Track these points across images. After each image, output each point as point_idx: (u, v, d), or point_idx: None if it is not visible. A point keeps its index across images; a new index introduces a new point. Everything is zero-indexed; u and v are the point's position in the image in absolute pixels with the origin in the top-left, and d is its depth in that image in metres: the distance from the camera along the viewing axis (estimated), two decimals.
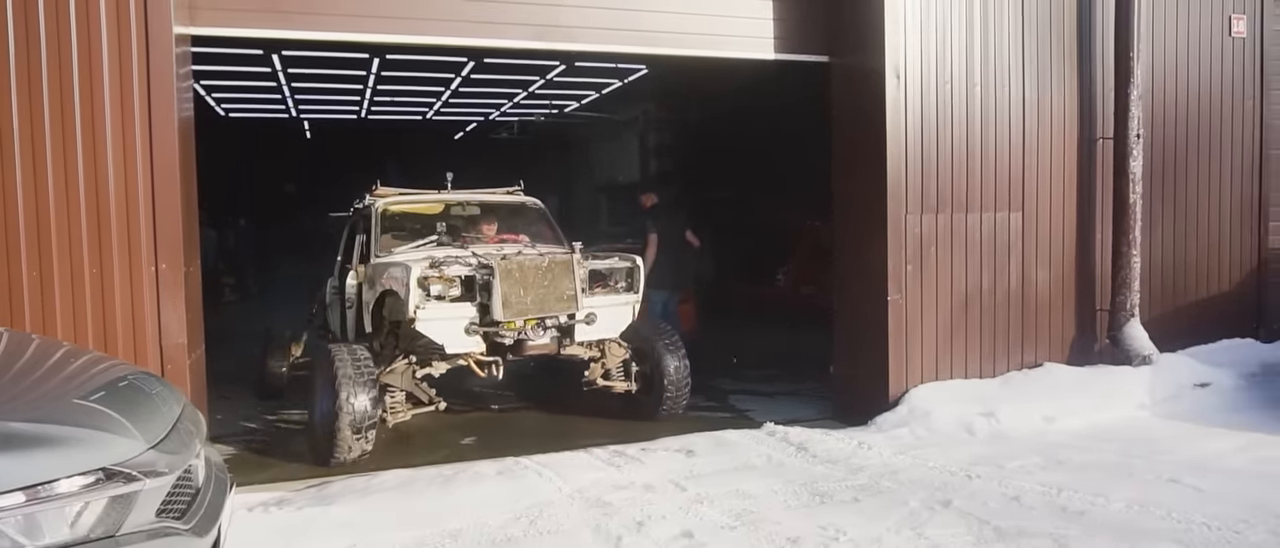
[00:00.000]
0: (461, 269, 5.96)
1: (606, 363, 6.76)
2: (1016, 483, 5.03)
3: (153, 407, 3.07)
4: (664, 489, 5.04)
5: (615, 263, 6.53)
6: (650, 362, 6.78)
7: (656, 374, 6.73)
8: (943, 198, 6.59)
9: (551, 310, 6.06)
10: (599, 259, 6.53)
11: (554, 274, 6.05)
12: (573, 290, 6.09)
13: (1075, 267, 7.11)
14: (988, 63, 6.70)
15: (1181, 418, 6.36)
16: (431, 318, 5.83)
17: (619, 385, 6.86)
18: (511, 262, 5.97)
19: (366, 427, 5.63)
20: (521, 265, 5.96)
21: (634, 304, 6.53)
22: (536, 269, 6.00)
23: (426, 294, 5.80)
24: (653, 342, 6.78)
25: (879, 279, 6.46)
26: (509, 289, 5.87)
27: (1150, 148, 7.21)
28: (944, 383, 6.64)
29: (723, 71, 13.72)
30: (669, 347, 6.74)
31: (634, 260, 6.54)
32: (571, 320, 6.19)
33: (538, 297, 5.98)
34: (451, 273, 5.90)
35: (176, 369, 4.82)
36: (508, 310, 5.87)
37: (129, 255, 4.71)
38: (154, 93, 4.73)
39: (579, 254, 6.32)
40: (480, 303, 5.92)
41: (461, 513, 4.67)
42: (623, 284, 6.51)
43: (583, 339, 6.36)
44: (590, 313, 6.24)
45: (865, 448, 5.79)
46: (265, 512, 4.76)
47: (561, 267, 6.10)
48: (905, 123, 6.43)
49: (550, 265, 6.06)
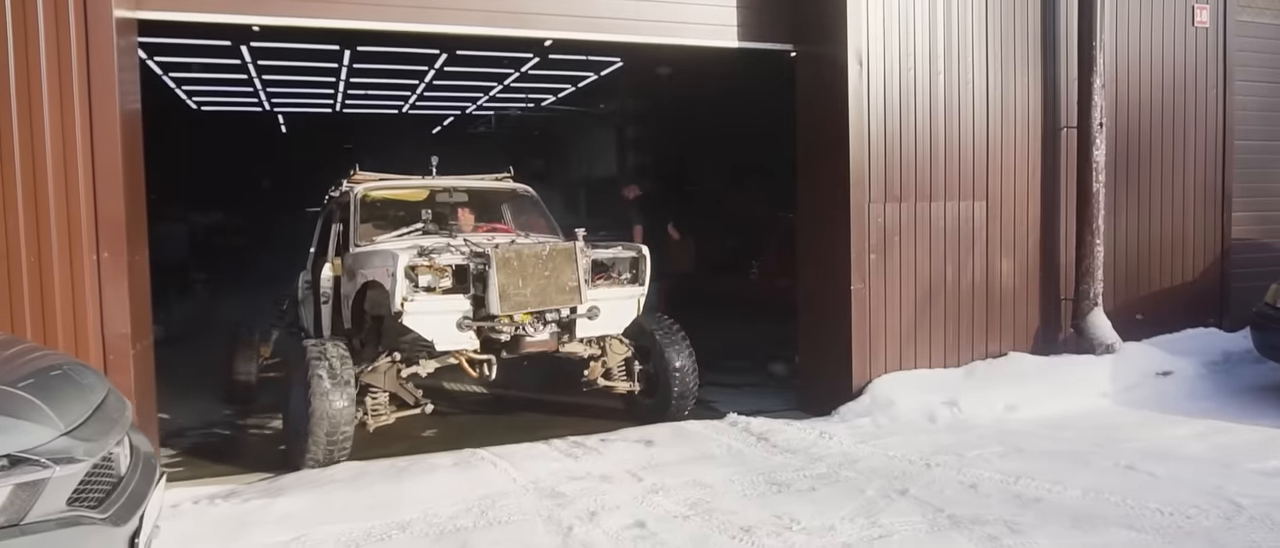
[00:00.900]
0: (454, 258, 5.52)
1: (607, 361, 6.32)
2: (975, 471, 5.01)
3: (76, 394, 2.98)
4: (620, 480, 4.98)
5: (620, 253, 6.10)
6: (654, 360, 6.37)
7: (662, 373, 6.30)
8: (906, 187, 6.56)
9: (552, 304, 5.60)
10: (602, 248, 6.11)
11: (555, 264, 5.59)
12: (575, 282, 5.64)
13: (1040, 256, 7.11)
14: (951, 51, 6.68)
15: (1143, 406, 6.38)
16: (420, 311, 5.35)
17: (621, 386, 6.43)
18: (509, 250, 5.51)
19: (343, 430, 5.22)
20: (520, 254, 5.50)
21: (639, 298, 6.07)
22: (536, 258, 5.54)
23: (415, 285, 5.33)
24: (657, 338, 6.34)
25: (842, 268, 6.42)
26: (506, 280, 5.40)
27: (1114, 137, 7.23)
28: (908, 373, 6.62)
29: (697, 64, 13.71)
30: (675, 344, 6.32)
31: (640, 250, 6.12)
32: (573, 315, 5.75)
33: (537, 288, 5.52)
34: (443, 262, 5.46)
35: (120, 360, 4.71)
36: (505, 303, 5.41)
37: (69, 243, 4.60)
38: (94, 76, 4.62)
39: (582, 243, 5.86)
40: (474, 295, 5.48)
41: (412, 504, 4.60)
42: (627, 276, 6.08)
43: (583, 336, 5.93)
44: (593, 307, 5.79)
45: (826, 438, 5.76)
46: (211, 504, 4.68)
47: (563, 256, 5.63)
48: (868, 111, 6.40)
49: (551, 254, 5.59)
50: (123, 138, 4.78)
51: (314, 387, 5.14)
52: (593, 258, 5.94)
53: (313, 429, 5.13)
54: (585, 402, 6.96)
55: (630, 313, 6.09)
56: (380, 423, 5.69)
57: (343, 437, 5.23)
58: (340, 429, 5.20)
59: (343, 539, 4.16)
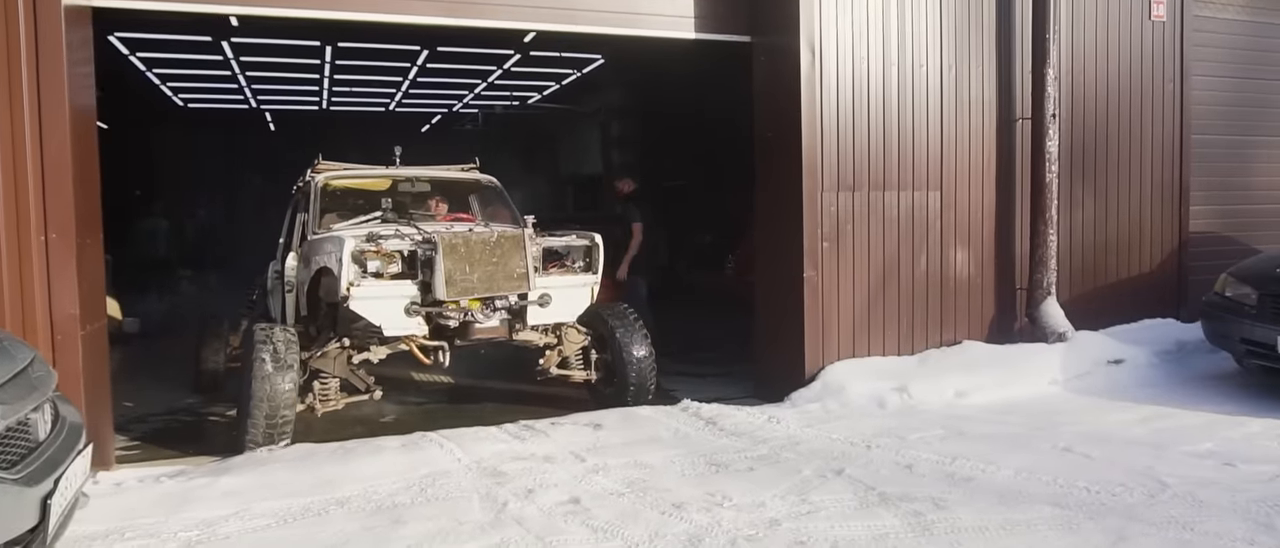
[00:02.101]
0: (401, 244, 5.56)
1: (563, 350, 6.37)
2: (913, 453, 5.09)
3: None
4: (563, 460, 5.06)
5: (572, 241, 6.12)
6: (612, 349, 6.39)
7: (619, 362, 6.33)
8: (860, 176, 6.64)
9: (500, 290, 5.62)
10: (554, 236, 6.12)
11: (503, 251, 5.62)
12: (524, 269, 5.67)
13: (995, 246, 7.19)
14: (905, 41, 6.76)
15: (1091, 393, 6.45)
16: (367, 296, 5.40)
17: (577, 374, 6.48)
18: (456, 236, 5.56)
19: (283, 414, 5.23)
20: (467, 241, 5.54)
21: (592, 286, 6.11)
22: (484, 245, 5.57)
23: (362, 271, 5.39)
24: (614, 327, 6.37)
25: (795, 256, 6.50)
26: (453, 266, 5.45)
27: (1070, 129, 7.31)
28: (861, 360, 6.69)
29: (672, 60, 13.78)
30: (632, 333, 6.33)
31: (592, 238, 6.12)
32: (523, 302, 5.78)
33: (485, 275, 5.55)
34: (390, 247, 5.50)
35: (68, 341, 4.77)
36: (452, 289, 5.45)
37: (16, 224, 4.67)
38: (42, 58, 4.67)
39: (531, 230, 5.88)
40: (422, 281, 5.52)
41: (354, 482, 4.67)
42: (580, 264, 6.11)
43: (536, 323, 5.97)
44: (544, 294, 5.83)
45: (774, 422, 5.83)
46: (156, 482, 4.75)
47: (511, 243, 5.67)
48: (821, 101, 6.48)
49: (499, 241, 5.63)
50: (73, 121, 4.83)
51: (256, 369, 5.18)
52: (544, 246, 5.98)
53: (252, 410, 5.17)
54: (551, 392, 6.99)
55: (584, 301, 6.11)
56: (329, 408, 5.73)
57: (283, 420, 5.26)
58: (280, 411, 5.22)
59: (280, 514, 4.24)
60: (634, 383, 6.33)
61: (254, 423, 5.21)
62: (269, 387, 5.18)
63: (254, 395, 5.18)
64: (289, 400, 5.27)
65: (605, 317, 6.42)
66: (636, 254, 8.63)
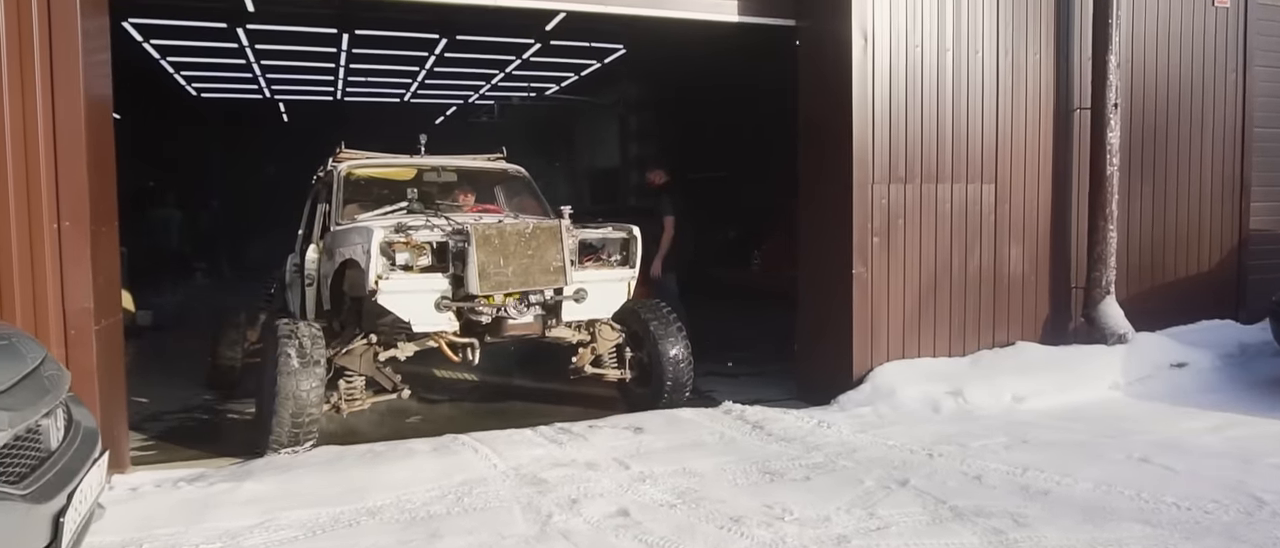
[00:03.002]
0: (432, 235, 5.26)
1: (597, 348, 6.05)
2: (979, 463, 4.76)
3: (3, 362, 2.75)
4: (606, 467, 4.75)
5: (609, 233, 5.78)
6: (647, 347, 6.08)
7: (655, 362, 6.01)
8: (912, 168, 6.30)
9: (535, 284, 5.32)
10: (590, 228, 5.78)
11: (538, 243, 5.30)
12: (560, 262, 5.35)
13: (1050, 242, 6.84)
14: (960, 27, 6.41)
15: (1156, 398, 6.11)
16: (396, 290, 5.08)
17: (611, 373, 6.17)
18: (490, 227, 5.25)
19: (309, 414, 4.93)
20: (502, 232, 5.22)
21: (629, 281, 5.78)
22: (519, 237, 5.25)
23: (391, 263, 5.07)
24: (650, 326, 6.04)
25: (844, 252, 6.17)
26: (486, 258, 5.13)
27: (1128, 120, 6.94)
28: (911, 361, 6.36)
29: (698, 49, 13.46)
30: (669, 331, 6.01)
31: (630, 230, 5.79)
32: (558, 297, 5.48)
33: (520, 268, 5.24)
34: (420, 239, 5.19)
35: (81, 336, 4.48)
36: (485, 283, 5.13)
37: (27, 211, 4.37)
38: (56, 41, 4.38)
39: (568, 221, 5.54)
40: (453, 274, 5.20)
41: (385, 489, 4.37)
42: (617, 258, 5.77)
43: (571, 320, 5.66)
44: (579, 289, 5.52)
45: (824, 427, 5.51)
46: (175, 487, 4.46)
47: (547, 234, 5.35)
48: (872, 89, 6.13)
49: (534, 233, 5.31)
50: (88, 107, 4.54)
51: (281, 366, 4.89)
52: (580, 238, 5.64)
53: (277, 410, 4.87)
54: (579, 390, 6.69)
55: (620, 296, 5.79)
56: (354, 408, 5.44)
57: (309, 420, 4.95)
58: (306, 412, 4.92)
59: (308, 524, 3.94)
60: (670, 383, 6.02)
61: (278, 425, 4.91)
62: (294, 387, 4.89)
63: (278, 396, 4.88)
64: (315, 400, 4.97)
65: (640, 313, 6.10)
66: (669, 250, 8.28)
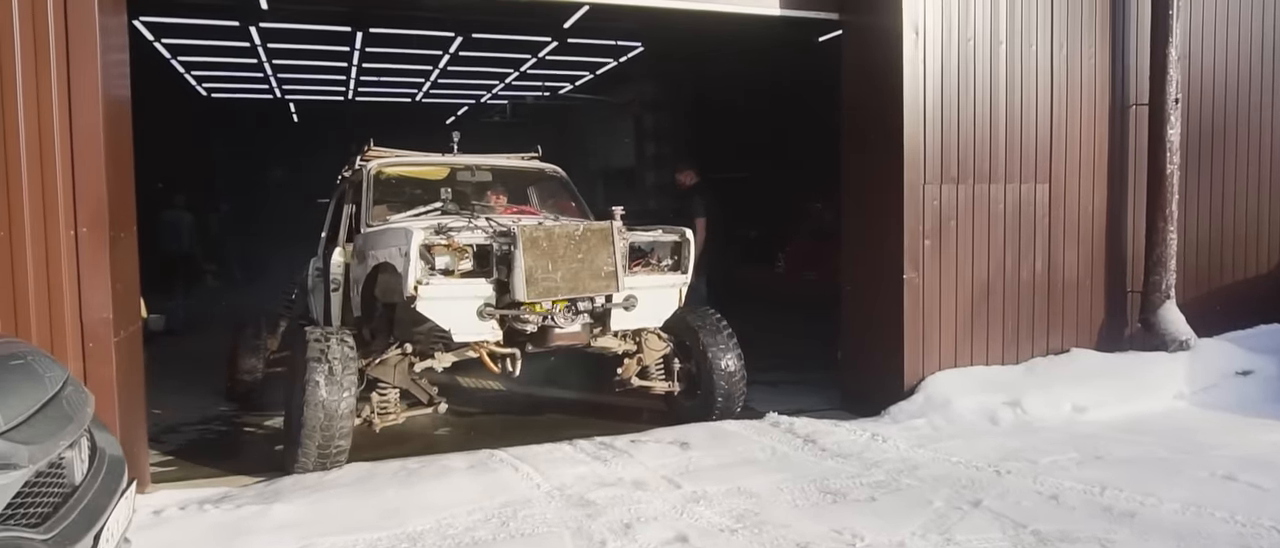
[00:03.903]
0: (475, 237, 4.93)
1: (644, 358, 5.70)
2: (1052, 481, 4.47)
3: (24, 385, 2.48)
4: (656, 486, 4.47)
5: (660, 236, 5.43)
6: (697, 359, 5.75)
7: (705, 374, 5.70)
8: (964, 168, 6.01)
9: (585, 290, 4.95)
10: (640, 231, 5.42)
11: (589, 246, 4.95)
12: (612, 266, 4.99)
13: (1105, 245, 6.54)
14: (1014, 18, 6.11)
15: (1224, 409, 5.81)
16: (436, 297, 4.73)
17: (658, 386, 5.83)
18: (538, 229, 4.91)
19: (341, 426, 4.63)
20: (550, 234, 4.88)
21: (681, 287, 5.43)
22: (568, 239, 4.91)
23: (430, 267, 4.73)
24: (701, 335, 5.71)
25: (894, 256, 5.88)
26: (534, 262, 4.78)
27: (1185, 116, 6.63)
28: (964, 370, 6.07)
29: (717, 47, 13.18)
30: (721, 342, 5.70)
31: (682, 233, 5.43)
32: (608, 305, 5.12)
33: (569, 273, 4.88)
34: (463, 241, 4.86)
35: (100, 348, 4.21)
36: (532, 289, 4.79)
37: (43, 216, 4.11)
38: (73, 39, 4.12)
39: (619, 223, 5.14)
40: (497, 280, 4.86)
41: (424, 512, 4.10)
42: (668, 263, 5.42)
43: (618, 329, 5.31)
44: (630, 296, 5.16)
45: (879, 441, 5.22)
46: (200, 510, 4.19)
47: (598, 237, 4.99)
48: (924, 85, 5.85)
49: (584, 235, 4.96)
50: (106, 106, 4.27)
51: (310, 378, 4.57)
52: (630, 241, 5.29)
53: (306, 427, 4.56)
54: (610, 401, 6.43)
55: (671, 304, 5.43)
56: (388, 423, 5.13)
57: (340, 437, 4.64)
58: (338, 428, 4.61)
59: None
60: (721, 398, 5.69)
61: (307, 443, 4.61)
62: (325, 400, 4.57)
63: (307, 411, 4.57)
64: (348, 416, 4.66)
65: (690, 322, 5.76)
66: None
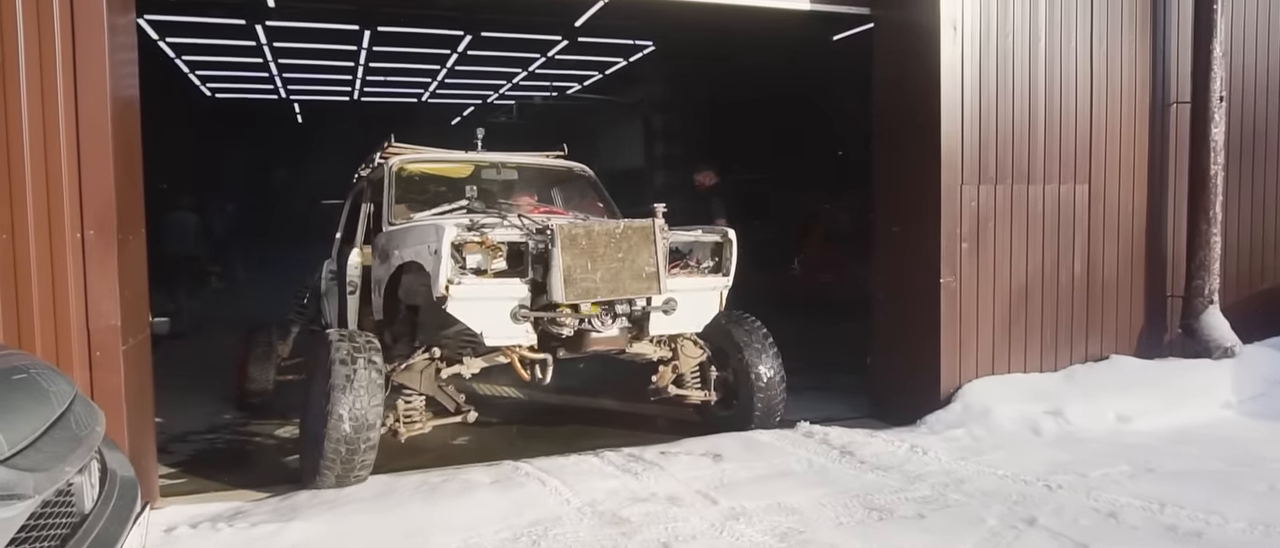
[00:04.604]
0: (510, 234, 4.68)
1: (679, 366, 5.44)
2: (1107, 496, 4.26)
3: (30, 404, 2.27)
4: (691, 502, 4.25)
5: (701, 236, 5.17)
6: (735, 366, 5.52)
7: (744, 383, 5.47)
8: (1002, 168, 5.79)
9: (626, 292, 4.68)
10: (681, 231, 5.13)
11: (630, 245, 4.67)
12: (653, 267, 4.71)
13: (1145, 248, 6.32)
14: (1053, 14, 5.90)
15: (1274, 418, 5.57)
16: (468, 298, 4.47)
17: (694, 395, 5.58)
18: (576, 226, 4.65)
19: (366, 445, 4.36)
20: (589, 232, 4.61)
21: (722, 290, 5.16)
22: (608, 238, 4.63)
23: (461, 266, 4.46)
24: (739, 341, 5.47)
25: (930, 260, 5.66)
26: (573, 262, 4.51)
27: (1226, 115, 6.40)
28: (1001, 378, 5.86)
29: (731, 46, 12.98)
30: (761, 348, 5.46)
31: (724, 233, 5.15)
32: (647, 308, 4.87)
33: (609, 273, 4.61)
34: (496, 238, 4.60)
35: (107, 357, 4.00)
36: (571, 290, 4.52)
37: (48, 218, 3.90)
38: (79, 34, 3.91)
39: (661, 221, 4.83)
40: (532, 280, 4.60)
41: (449, 531, 3.89)
42: (708, 264, 5.15)
43: (656, 333, 5.04)
44: (670, 299, 4.89)
45: (920, 452, 5.01)
46: (213, 528, 3.97)
47: (639, 236, 4.70)
48: (962, 83, 5.64)
49: (625, 233, 4.68)
50: (114, 104, 4.06)
51: (335, 387, 4.31)
52: (671, 241, 5.01)
53: (329, 438, 4.29)
54: (634, 409, 6.22)
55: (712, 308, 5.17)
56: (414, 432, 4.86)
57: (367, 449, 4.39)
58: (364, 437, 4.34)
59: None
60: (760, 408, 5.45)
61: (332, 455, 4.32)
62: (353, 410, 4.30)
63: (331, 421, 4.28)
64: (376, 427, 4.40)
65: (728, 328, 5.51)
66: None
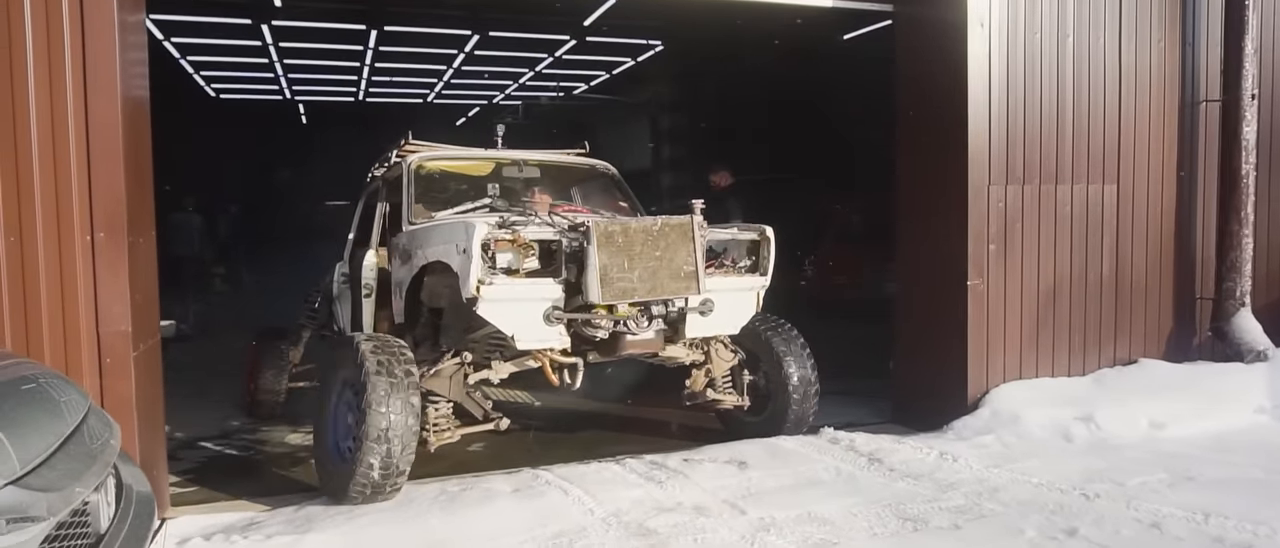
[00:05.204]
0: (542, 232, 4.49)
1: (712, 370, 5.24)
2: (1148, 506, 4.12)
3: (42, 419, 2.15)
4: (719, 512, 4.12)
5: (737, 233, 4.96)
6: (768, 370, 5.35)
7: (779, 387, 5.29)
8: (1030, 168, 5.66)
9: (664, 292, 4.48)
10: (717, 228, 4.91)
11: (668, 243, 4.46)
12: (692, 266, 4.51)
13: (1174, 249, 6.19)
14: (1081, 10, 5.77)
15: None
16: (499, 299, 4.26)
17: (728, 400, 5.35)
18: (613, 223, 4.45)
19: (405, 454, 4.14)
20: (626, 229, 4.40)
21: (760, 291, 4.96)
22: (645, 235, 4.42)
23: (491, 266, 4.26)
24: (772, 343, 5.29)
25: (957, 262, 5.53)
26: (609, 260, 4.31)
27: (1257, 113, 6.28)
28: (1029, 382, 5.73)
29: (740, 45, 12.87)
30: (794, 351, 5.28)
31: (762, 231, 4.93)
32: (685, 309, 4.68)
33: (646, 273, 4.40)
34: (530, 236, 4.42)
35: (118, 365, 3.87)
36: (608, 290, 4.31)
37: (57, 221, 3.78)
38: (90, 32, 3.78)
39: (701, 218, 4.62)
40: (566, 280, 4.41)
41: (471, 543, 3.76)
42: (745, 264, 4.96)
43: (693, 336, 4.85)
44: (707, 300, 4.71)
45: (950, 460, 4.87)
46: (227, 540, 3.84)
47: (677, 233, 4.50)
48: (990, 81, 5.51)
49: (662, 231, 4.47)
50: (124, 103, 3.94)
51: (372, 394, 4.07)
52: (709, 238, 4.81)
53: (365, 455, 4.05)
54: (643, 416, 6.11)
55: (749, 309, 4.97)
56: (444, 441, 4.63)
57: (405, 462, 4.16)
58: (400, 449, 4.11)
59: None
60: (794, 414, 5.28)
61: (368, 464, 4.08)
62: (392, 422, 4.06)
63: (372, 431, 4.04)
64: (414, 438, 4.17)
65: (761, 331, 5.34)
66: None
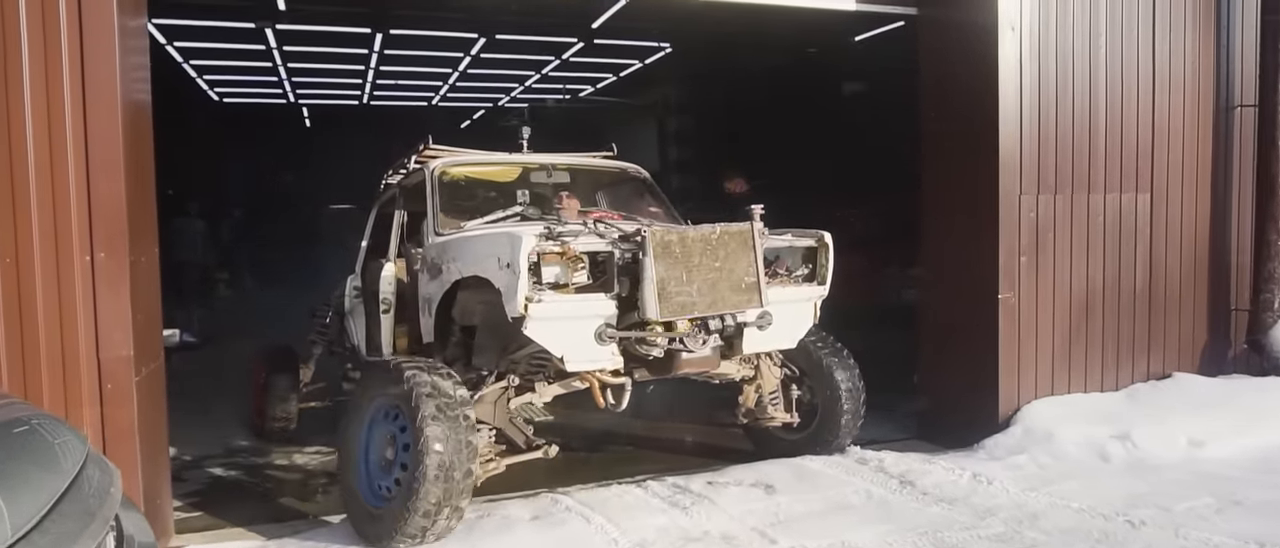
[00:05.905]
0: (592, 243, 4.12)
1: (762, 385, 4.95)
2: (1198, 534, 3.94)
3: (36, 470, 1.97)
4: (748, 542, 3.95)
5: (793, 240, 4.59)
6: (817, 385, 5.10)
7: (829, 402, 5.06)
8: (1062, 176, 5.48)
9: (725, 306, 4.15)
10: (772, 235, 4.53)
11: (727, 252, 4.13)
12: (753, 277, 4.18)
13: (1209, 259, 6.01)
14: (1114, 13, 5.59)
15: None
16: (548, 317, 3.91)
17: (779, 417, 5.07)
18: (669, 232, 4.08)
19: (462, 491, 3.80)
20: (683, 238, 4.06)
21: (817, 301, 4.65)
22: (703, 244, 4.09)
23: (537, 281, 3.91)
24: (822, 359, 5.04)
25: (987, 274, 5.35)
26: (667, 273, 3.97)
27: None
28: (1061, 398, 5.54)
29: (749, 48, 12.68)
30: (843, 362, 5.05)
31: (820, 237, 4.59)
32: (742, 323, 4.33)
33: (706, 285, 4.07)
34: (580, 247, 4.05)
35: (119, 392, 3.69)
36: (665, 306, 3.96)
37: (55, 241, 3.60)
38: (88, 37, 3.61)
39: (760, 224, 4.29)
40: (618, 295, 4.06)
41: None
42: (801, 273, 4.62)
43: (751, 351, 4.53)
44: (765, 312, 4.36)
45: (984, 482, 4.69)
46: None
47: (737, 241, 4.17)
48: (1021, 86, 5.33)
49: (722, 239, 4.14)
50: (124, 115, 3.76)
51: (427, 431, 3.72)
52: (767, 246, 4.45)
53: (422, 498, 3.69)
54: (658, 436, 5.94)
55: (807, 321, 4.65)
56: (489, 470, 4.23)
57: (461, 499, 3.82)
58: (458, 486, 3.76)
59: None
60: (843, 429, 5.07)
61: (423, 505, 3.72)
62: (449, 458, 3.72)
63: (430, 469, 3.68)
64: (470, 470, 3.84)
65: (808, 345, 4.98)
66: None
